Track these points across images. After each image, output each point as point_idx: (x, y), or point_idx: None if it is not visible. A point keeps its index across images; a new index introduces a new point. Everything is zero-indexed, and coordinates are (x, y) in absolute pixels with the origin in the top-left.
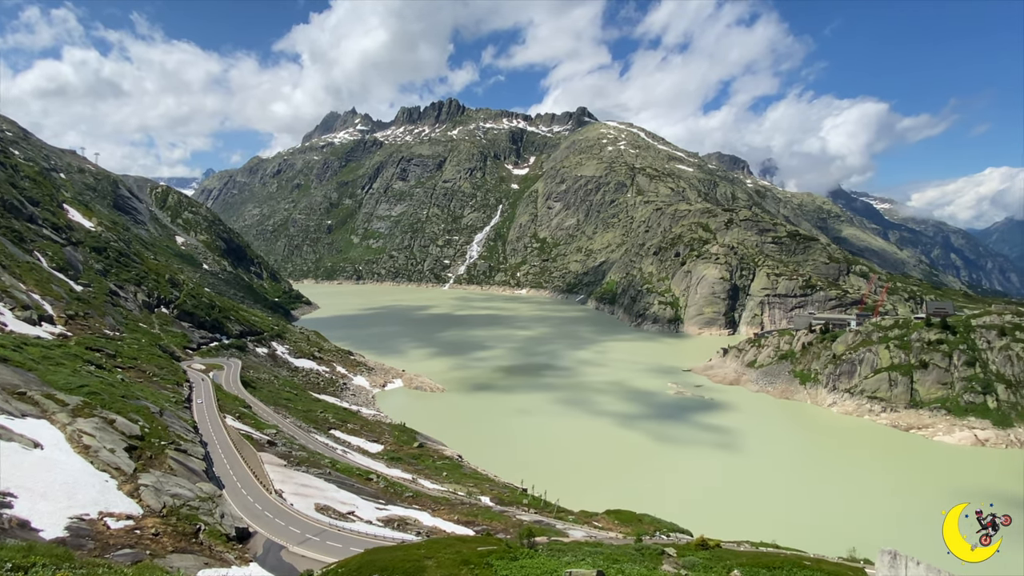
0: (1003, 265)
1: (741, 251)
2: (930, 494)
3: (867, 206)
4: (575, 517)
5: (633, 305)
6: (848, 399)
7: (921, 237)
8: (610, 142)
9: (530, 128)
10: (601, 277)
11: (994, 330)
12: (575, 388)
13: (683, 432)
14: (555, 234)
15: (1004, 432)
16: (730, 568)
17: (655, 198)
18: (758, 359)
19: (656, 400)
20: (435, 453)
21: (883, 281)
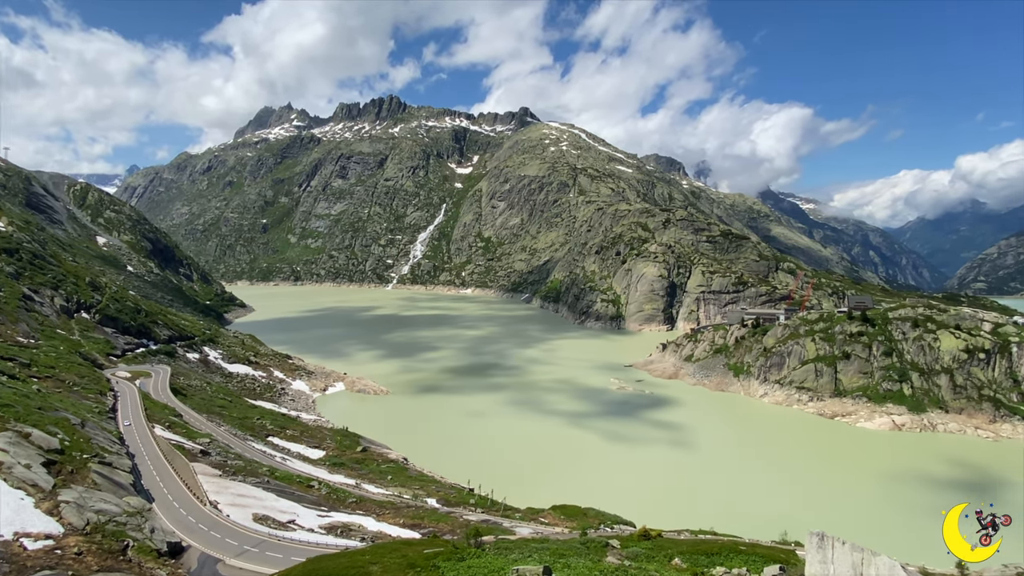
0: (916, 261)
1: (678, 250)
2: (855, 478)
3: (794, 206)
4: (522, 515)
5: (577, 303)
6: (778, 390)
7: (843, 235)
8: (552, 142)
9: (473, 127)
10: (546, 276)
11: (908, 322)
12: (524, 387)
13: (627, 427)
14: (500, 233)
15: (918, 417)
16: (671, 556)
17: (597, 198)
18: (695, 354)
19: (601, 397)
20: (379, 457)
21: (809, 277)
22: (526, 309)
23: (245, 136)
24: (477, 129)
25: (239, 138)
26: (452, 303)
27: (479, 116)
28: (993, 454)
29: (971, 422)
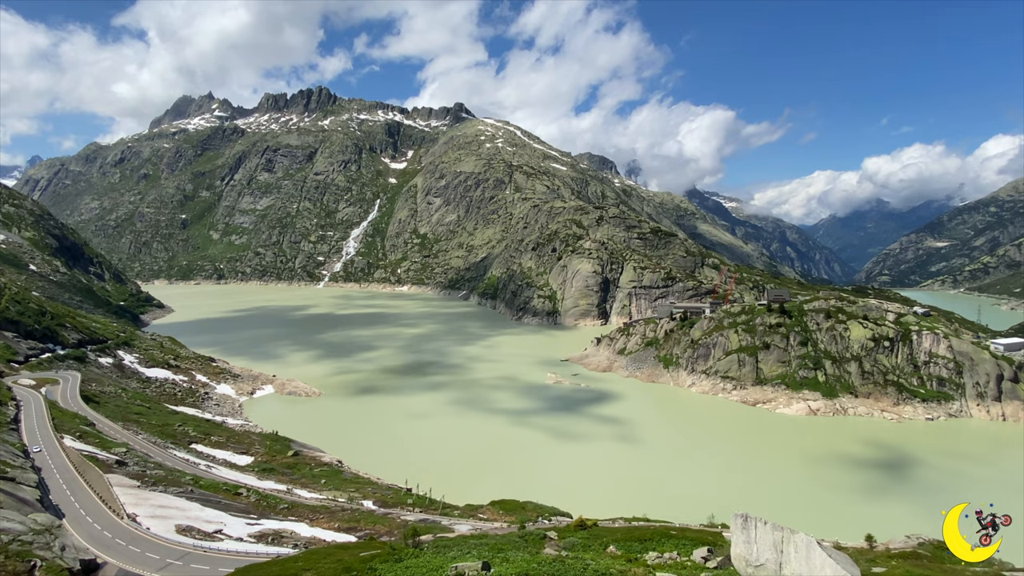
0: (828, 256)
1: (611, 246)
2: (777, 461)
3: (718, 204)
4: (461, 512)
5: (514, 299)
6: (705, 379)
7: (762, 232)
8: (488, 139)
9: (407, 121)
10: (483, 273)
11: (822, 313)
12: (466, 385)
13: (567, 422)
14: (436, 230)
15: (831, 402)
16: (606, 544)
17: (532, 195)
18: (627, 347)
19: (542, 392)
20: (312, 461)
21: (732, 272)
22: (464, 306)
23: (162, 126)
24: (411, 123)
25: (155, 128)
26: (389, 301)
27: (413, 110)
28: (898, 434)
29: (878, 405)
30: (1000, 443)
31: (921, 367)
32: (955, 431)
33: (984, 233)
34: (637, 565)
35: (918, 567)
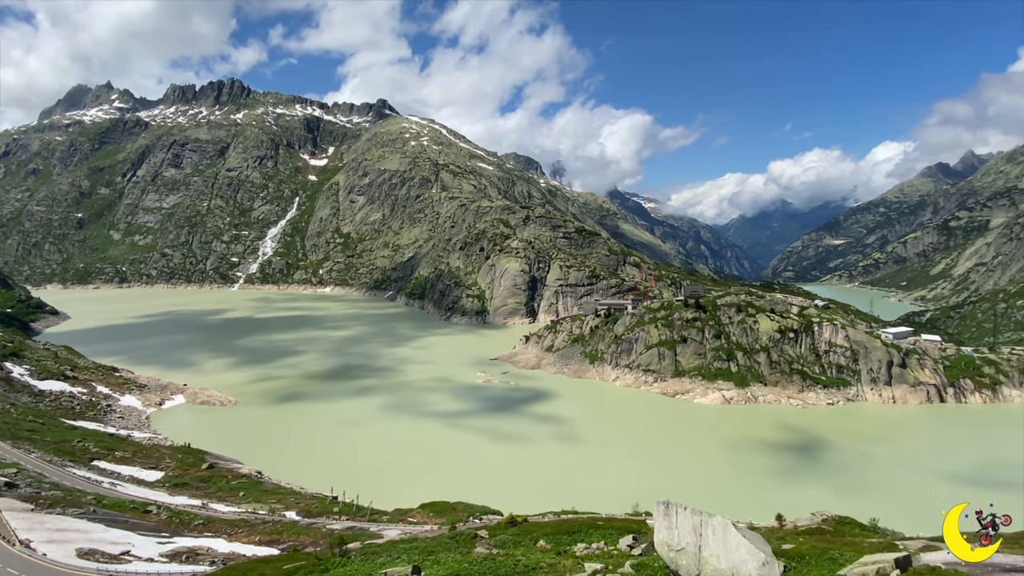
0: (738, 254)
1: (538, 245)
2: (696, 449)
3: (638, 205)
4: (389, 517)
5: (442, 299)
6: (628, 373)
7: (679, 231)
8: (413, 137)
9: (327, 117)
10: (410, 272)
11: (734, 308)
12: (397, 389)
13: (498, 420)
14: (360, 229)
15: (743, 391)
16: (536, 539)
17: (459, 194)
18: (555, 344)
19: (472, 393)
20: (229, 473)
21: (652, 270)
22: (392, 307)
23: (53, 117)
24: (332, 119)
25: (46, 119)
26: (312, 303)
27: (334, 106)
28: (804, 419)
29: (784, 393)
30: (892, 423)
31: (822, 356)
32: (853, 414)
33: (875, 231)
34: (566, 557)
35: (822, 542)
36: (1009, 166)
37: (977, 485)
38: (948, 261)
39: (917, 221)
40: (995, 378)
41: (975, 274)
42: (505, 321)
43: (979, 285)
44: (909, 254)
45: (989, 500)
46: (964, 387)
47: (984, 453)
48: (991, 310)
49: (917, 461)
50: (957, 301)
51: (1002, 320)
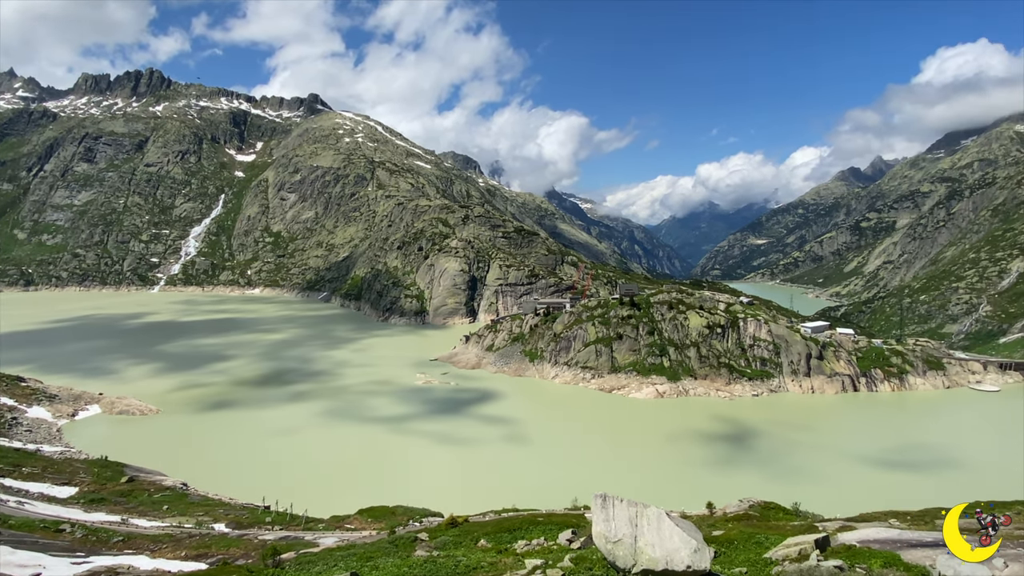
0: (670, 253)
1: (477, 245)
2: (632, 441)
3: (575, 205)
4: (326, 524)
5: (380, 300)
6: (567, 370)
7: (614, 231)
8: (347, 133)
9: (255, 111)
10: (345, 273)
11: (665, 305)
12: (335, 393)
13: (444, 422)
14: (291, 228)
15: (675, 385)
16: (477, 539)
17: (396, 193)
18: (495, 343)
19: (417, 395)
20: (152, 486)
21: (589, 269)
22: (326, 308)
23: None
24: (260, 113)
25: None
26: (241, 305)
27: (262, 99)
28: (731, 409)
29: (713, 386)
30: (812, 412)
31: (747, 350)
32: (776, 404)
33: (794, 232)
34: (507, 555)
35: (750, 527)
36: (912, 171)
37: (890, 467)
38: (860, 259)
39: (832, 222)
40: (902, 368)
41: (884, 271)
42: (445, 321)
43: (887, 281)
44: (825, 253)
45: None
46: (875, 376)
47: (894, 437)
48: (897, 304)
49: (836, 446)
50: (868, 296)
51: (907, 314)
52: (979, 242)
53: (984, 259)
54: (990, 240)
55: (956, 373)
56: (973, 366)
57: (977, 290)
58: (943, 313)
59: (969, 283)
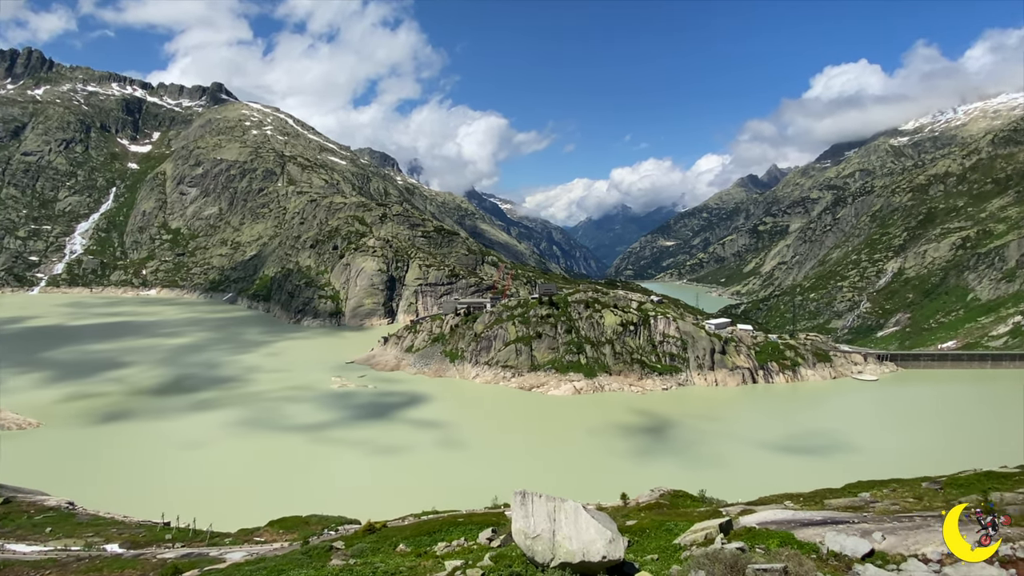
0: (586, 254)
1: (396, 244)
2: (553, 438)
3: (494, 206)
4: (233, 538)
5: (292, 301)
6: (487, 370)
7: (533, 232)
8: (255, 125)
9: (152, 99)
10: (253, 272)
11: (582, 304)
12: (248, 401)
13: (363, 428)
14: (192, 224)
15: (591, 381)
16: (396, 544)
17: (309, 189)
18: (415, 344)
19: (338, 400)
20: (32, 507)
21: (509, 269)
22: (233, 310)
23: None
24: (157, 101)
25: None
26: (139, 307)
27: (160, 86)
28: (644, 403)
29: (627, 381)
30: (717, 403)
31: (657, 346)
32: (684, 397)
33: (699, 234)
34: (427, 558)
35: (660, 515)
36: (803, 179)
37: (786, 452)
38: (757, 260)
39: (733, 225)
40: (794, 360)
41: (778, 271)
42: (362, 322)
43: (781, 281)
44: (727, 254)
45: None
46: (771, 369)
47: (790, 425)
48: (790, 302)
49: (739, 435)
50: (765, 295)
51: (799, 310)
52: (860, 245)
53: (864, 260)
54: (869, 243)
55: (841, 365)
56: (855, 358)
57: (858, 288)
58: (830, 310)
59: (852, 282)
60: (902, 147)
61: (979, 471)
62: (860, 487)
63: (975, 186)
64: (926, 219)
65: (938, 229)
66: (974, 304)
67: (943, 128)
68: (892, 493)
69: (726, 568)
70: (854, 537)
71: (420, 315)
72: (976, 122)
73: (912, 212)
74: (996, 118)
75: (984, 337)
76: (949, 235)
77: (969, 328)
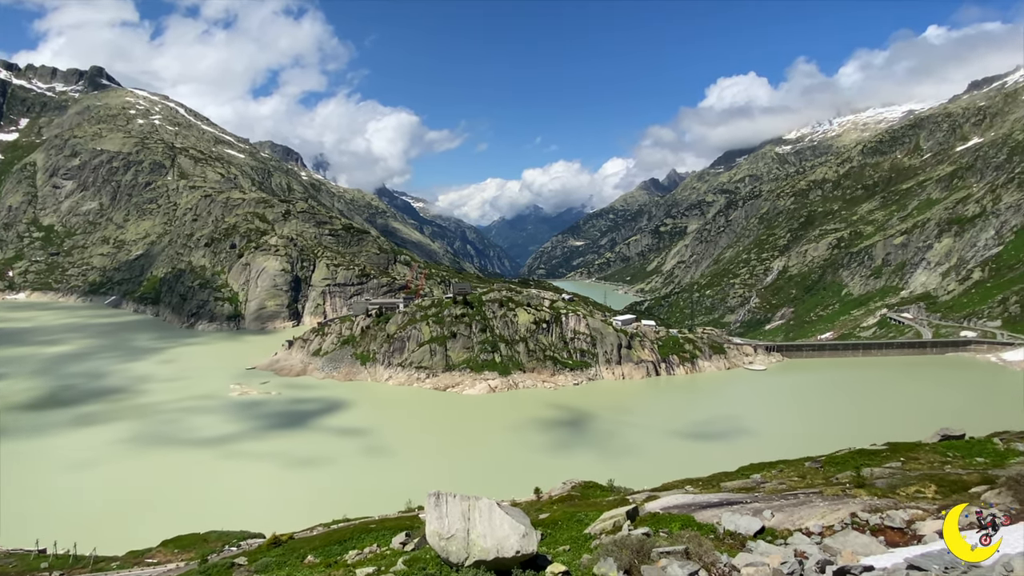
0: (500, 253)
1: (301, 243)
2: (469, 437)
3: (407, 204)
4: (121, 562)
5: (184, 304)
6: (401, 372)
7: (447, 231)
8: (141, 113)
9: (19, 81)
10: (140, 273)
11: (496, 303)
12: (142, 413)
13: (270, 438)
14: (68, 221)
15: (506, 379)
16: (304, 555)
17: (203, 183)
18: (323, 347)
19: (236, 409)
20: None
21: (422, 268)
22: (117, 315)
23: None
24: (26, 84)
25: None
26: (7, 312)
27: (28, 68)
28: (557, 397)
29: (540, 377)
30: (625, 395)
31: (569, 343)
32: (594, 390)
33: (607, 235)
34: (337, 568)
35: (572, 507)
36: (699, 183)
37: (691, 438)
38: (659, 260)
39: (637, 226)
40: (693, 353)
41: (678, 270)
42: (264, 326)
43: (681, 279)
44: (632, 254)
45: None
46: (673, 362)
47: (691, 413)
48: (689, 299)
49: (647, 424)
50: (666, 292)
51: (696, 306)
52: (750, 245)
53: (753, 259)
54: (758, 243)
55: (734, 356)
56: (746, 350)
57: (749, 285)
58: (724, 305)
59: (743, 279)
60: (786, 155)
61: (853, 449)
62: (752, 469)
63: (848, 192)
64: (807, 221)
65: (817, 230)
66: (847, 299)
67: (821, 138)
68: (780, 473)
69: (632, 553)
70: (747, 516)
71: (328, 317)
72: (848, 133)
73: (795, 215)
74: (865, 130)
75: (856, 328)
76: (826, 236)
77: (844, 320)
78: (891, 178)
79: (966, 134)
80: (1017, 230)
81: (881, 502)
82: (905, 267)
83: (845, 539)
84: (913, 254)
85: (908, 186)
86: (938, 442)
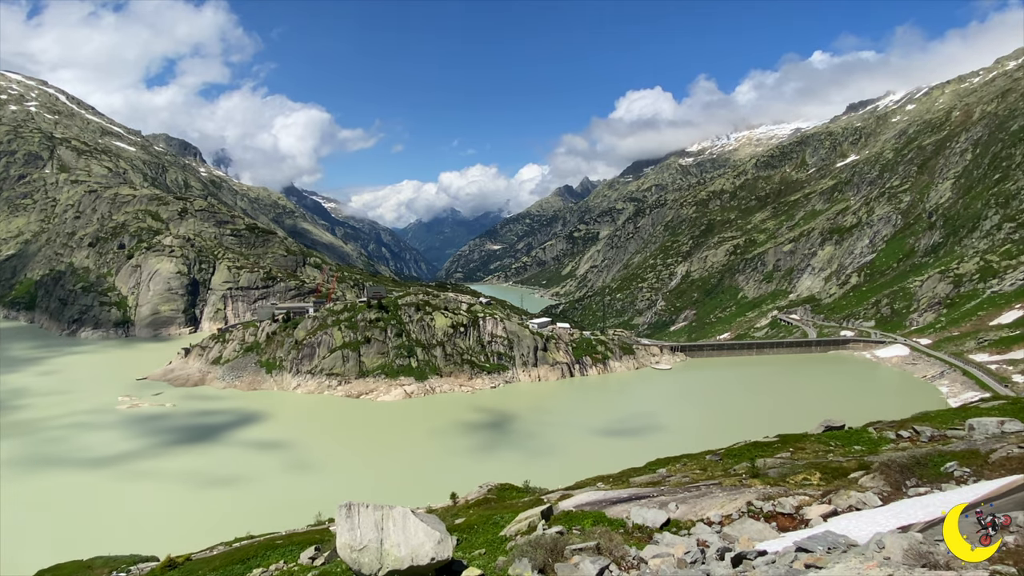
0: (416, 256)
1: (199, 243)
2: (382, 446)
3: (317, 204)
4: None
5: (65, 309)
6: (310, 379)
7: (360, 233)
8: (14, 99)
9: None
10: (11, 275)
11: (413, 307)
12: (21, 431)
13: (168, 456)
14: None
15: (423, 384)
16: None
17: (87, 178)
18: (224, 355)
19: (132, 423)
20: None
21: (334, 271)
22: None
23: None
24: None
25: None
26: None
27: None
28: (475, 401)
29: (457, 381)
30: (541, 396)
31: (486, 346)
32: (512, 392)
33: (524, 239)
34: None
35: (488, 510)
36: (610, 191)
37: (606, 435)
38: (573, 264)
39: (552, 231)
40: (605, 354)
41: (591, 274)
42: (158, 332)
43: (593, 283)
44: (547, 258)
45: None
46: (586, 363)
47: (605, 412)
48: (601, 302)
49: (562, 424)
50: (580, 295)
51: (608, 309)
52: (656, 251)
53: (659, 264)
54: (663, 249)
55: (642, 356)
56: (653, 350)
57: (655, 289)
58: (633, 308)
59: (650, 284)
60: (688, 166)
61: (748, 442)
62: (659, 463)
63: (743, 202)
64: (707, 229)
65: (716, 238)
66: (743, 301)
67: (719, 151)
68: (684, 467)
69: (547, 552)
70: (653, 510)
71: (230, 322)
72: (744, 148)
73: (696, 223)
74: (759, 145)
75: (751, 329)
76: (724, 243)
77: (740, 321)
78: (781, 190)
79: (845, 151)
80: (887, 239)
81: (773, 490)
82: (793, 272)
83: (742, 527)
84: (800, 260)
85: (796, 198)
86: (822, 433)
